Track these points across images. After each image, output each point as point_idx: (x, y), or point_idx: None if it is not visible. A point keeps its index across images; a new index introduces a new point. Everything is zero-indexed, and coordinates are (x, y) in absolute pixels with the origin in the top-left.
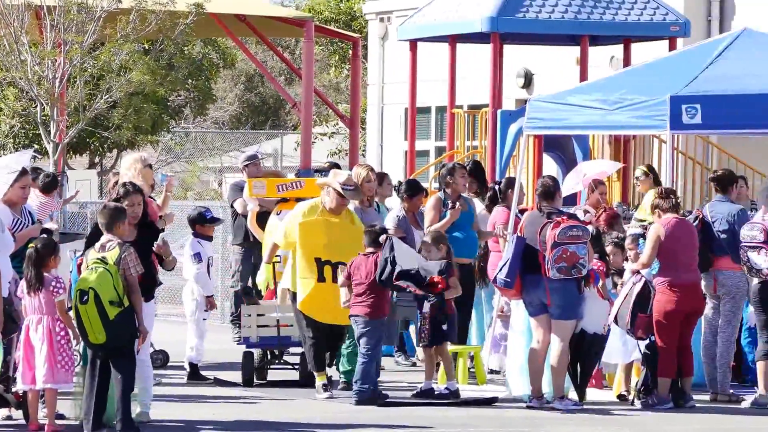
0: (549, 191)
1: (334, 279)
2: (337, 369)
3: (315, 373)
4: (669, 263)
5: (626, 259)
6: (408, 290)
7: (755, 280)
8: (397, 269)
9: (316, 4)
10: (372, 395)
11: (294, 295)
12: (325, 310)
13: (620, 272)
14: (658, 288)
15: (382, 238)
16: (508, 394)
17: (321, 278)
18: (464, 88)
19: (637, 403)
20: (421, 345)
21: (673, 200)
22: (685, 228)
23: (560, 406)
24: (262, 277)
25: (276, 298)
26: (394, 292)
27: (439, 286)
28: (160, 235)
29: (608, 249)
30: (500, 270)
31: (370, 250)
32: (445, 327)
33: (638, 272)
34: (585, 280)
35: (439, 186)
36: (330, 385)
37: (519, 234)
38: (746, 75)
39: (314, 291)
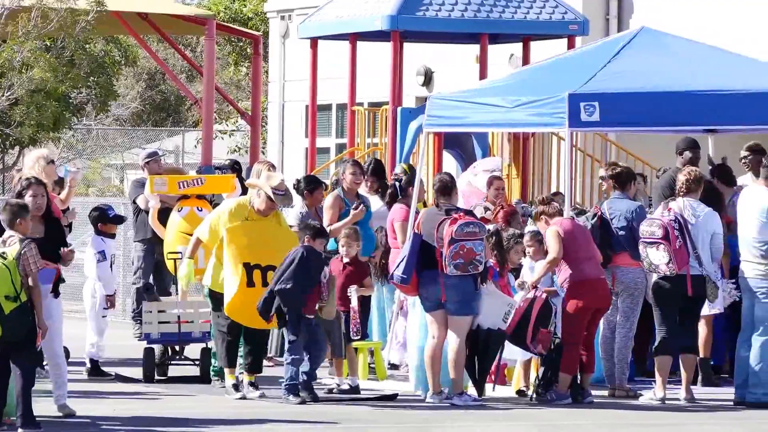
0: (447, 187)
1: (264, 283)
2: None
3: (225, 370)
4: (571, 262)
5: (524, 255)
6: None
7: (654, 276)
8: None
9: (213, 4)
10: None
11: (211, 293)
12: (254, 316)
13: (518, 269)
14: (566, 287)
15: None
16: (408, 389)
17: (250, 283)
18: (365, 86)
19: (536, 399)
20: (354, 340)
21: (557, 205)
22: (577, 226)
23: (459, 402)
24: (184, 272)
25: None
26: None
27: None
28: (69, 246)
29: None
30: (397, 266)
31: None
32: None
33: (536, 287)
34: (482, 276)
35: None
36: (240, 384)
37: (416, 231)
38: (644, 73)
39: (243, 296)
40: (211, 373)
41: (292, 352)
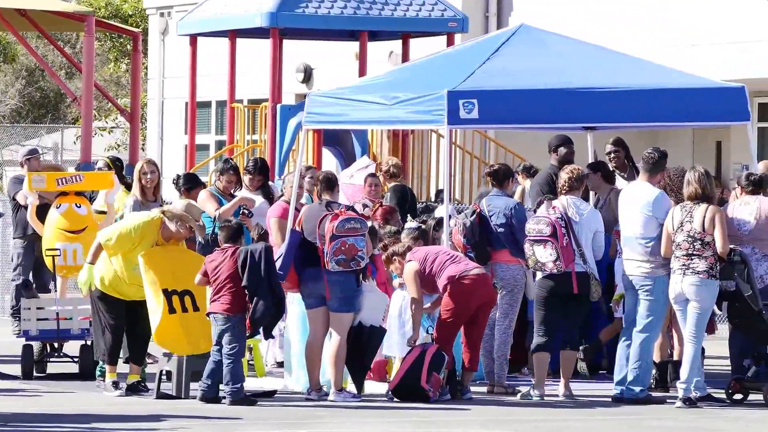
0: (331, 182)
1: (184, 309)
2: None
3: (107, 367)
4: (440, 276)
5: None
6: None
7: (539, 275)
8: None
9: (94, 0)
10: (245, 395)
11: (102, 294)
12: (183, 342)
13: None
14: (446, 288)
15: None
16: (286, 386)
17: (171, 310)
18: (244, 83)
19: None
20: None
21: (405, 242)
22: (428, 250)
23: (338, 399)
24: (84, 277)
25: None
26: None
27: None
28: None
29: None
30: (278, 263)
31: (228, 245)
32: None
33: (427, 331)
34: (363, 272)
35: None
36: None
37: (297, 228)
38: (523, 70)
39: (167, 323)
40: (98, 372)
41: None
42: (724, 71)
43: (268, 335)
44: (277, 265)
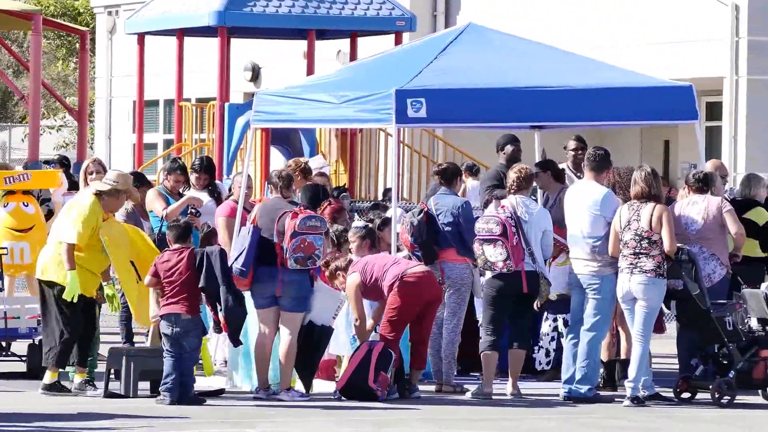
0: (291, 180)
1: (139, 278)
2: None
3: (51, 368)
4: (383, 279)
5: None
6: None
7: (488, 274)
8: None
9: None
10: (193, 394)
11: (47, 287)
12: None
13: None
14: (393, 287)
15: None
16: (233, 385)
17: (138, 278)
18: (192, 82)
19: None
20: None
21: (348, 256)
22: (368, 260)
23: (287, 398)
24: (73, 285)
25: None
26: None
27: None
28: None
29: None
30: (236, 259)
31: (178, 246)
32: None
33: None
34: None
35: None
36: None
37: (254, 224)
38: (470, 69)
39: (142, 295)
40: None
41: None
42: (672, 70)
43: (237, 342)
44: (239, 261)
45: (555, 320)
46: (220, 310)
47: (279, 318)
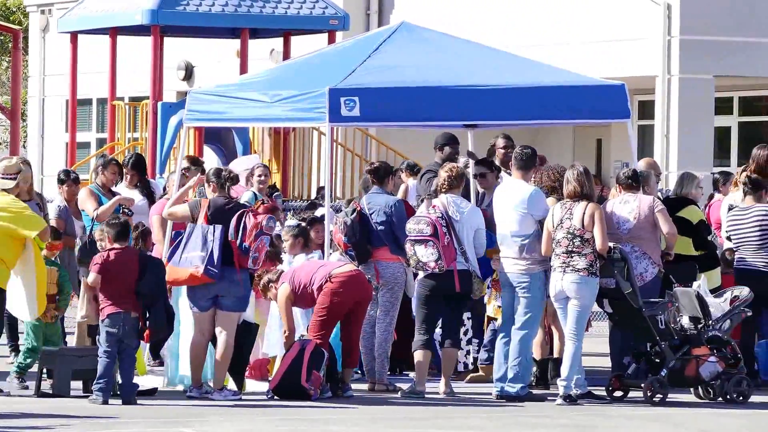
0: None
1: None
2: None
3: None
4: (310, 280)
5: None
6: None
7: (420, 274)
8: None
9: None
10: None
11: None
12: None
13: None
14: (323, 287)
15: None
16: (166, 384)
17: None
18: (125, 81)
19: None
20: None
21: (279, 268)
22: (296, 271)
23: (220, 397)
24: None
25: None
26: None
27: None
28: None
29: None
30: (209, 261)
31: (118, 245)
32: None
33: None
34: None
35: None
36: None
37: (206, 222)
38: (403, 68)
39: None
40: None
41: None
42: (604, 69)
43: (157, 356)
44: (212, 262)
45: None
46: (148, 318)
47: (215, 318)
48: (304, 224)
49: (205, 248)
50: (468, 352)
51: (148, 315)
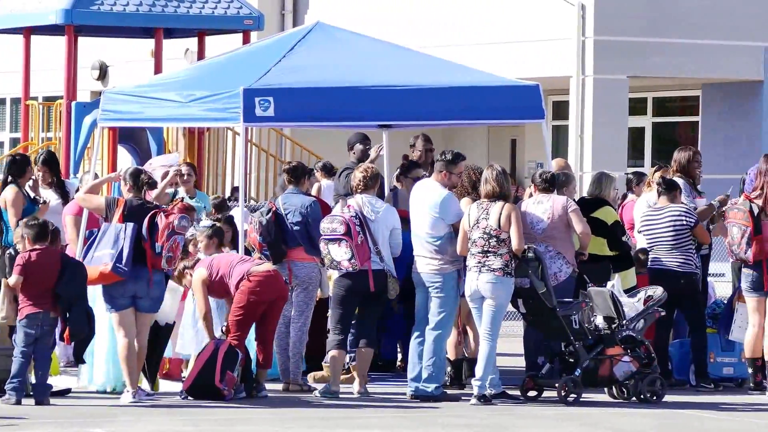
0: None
1: None
2: None
3: None
4: (228, 274)
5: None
6: None
7: (335, 274)
8: None
9: None
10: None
11: None
12: None
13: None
14: (238, 285)
15: None
16: (82, 384)
17: None
18: (39, 80)
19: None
20: None
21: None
22: (216, 259)
23: (134, 398)
24: None
25: None
26: None
27: None
28: None
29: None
30: (118, 258)
31: (39, 245)
32: None
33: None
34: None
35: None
36: None
37: (120, 222)
38: (318, 68)
39: None
40: None
41: None
42: (519, 69)
43: (80, 360)
44: (122, 260)
45: None
46: (67, 319)
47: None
48: (218, 224)
49: (116, 246)
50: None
51: (68, 316)
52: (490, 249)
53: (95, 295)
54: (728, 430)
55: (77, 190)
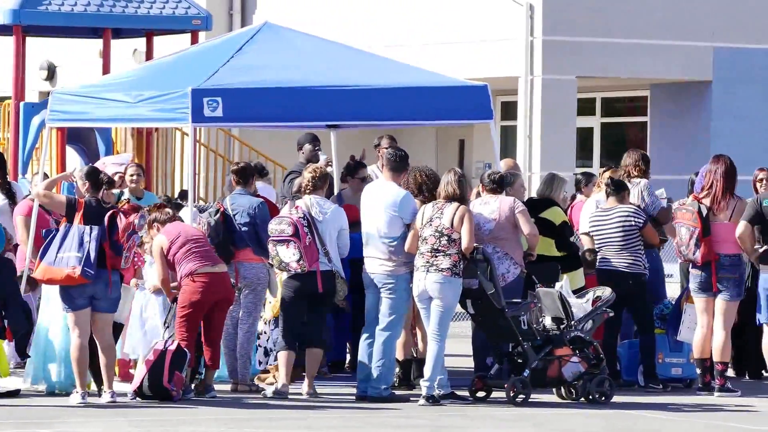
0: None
1: None
2: None
3: None
4: (186, 259)
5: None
6: None
7: (284, 275)
8: None
9: None
10: None
11: None
12: None
13: None
14: (183, 281)
15: None
16: (32, 386)
17: None
18: None
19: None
20: None
21: (169, 211)
22: (184, 228)
23: (83, 400)
24: None
25: None
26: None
27: None
28: None
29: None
30: (86, 262)
31: None
32: None
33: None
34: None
35: None
36: None
37: (81, 224)
38: (266, 68)
39: None
40: None
41: None
42: (467, 70)
43: (25, 355)
44: (89, 263)
45: None
46: (5, 317)
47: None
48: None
49: (82, 249)
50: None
51: (4, 314)
52: (440, 248)
53: (49, 296)
54: (677, 430)
55: (29, 193)
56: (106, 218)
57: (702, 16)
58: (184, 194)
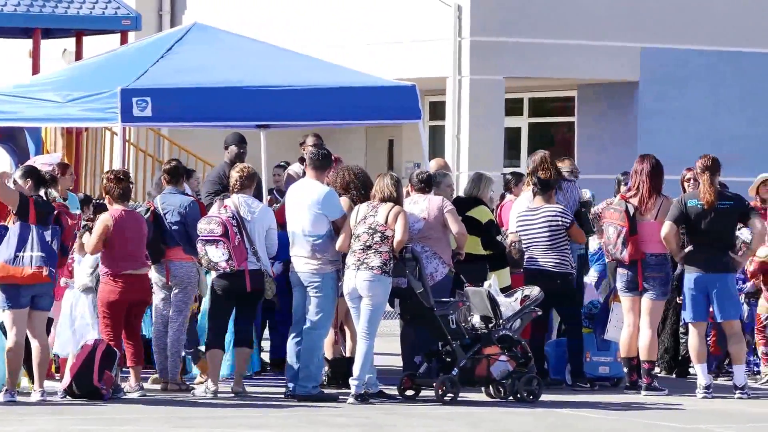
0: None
1: None
2: None
3: None
4: (113, 254)
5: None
6: None
7: (213, 274)
8: None
9: None
10: None
11: None
12: None
13: None
14: (102, 279)
15: None
16: None
17: None
18: None
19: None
20: None
21: (124, 186)
22: (133, 219)
23: (8, 398)
24: None
25: None
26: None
27: None
28: None
29: None
30: (52, 263)
31: None
32: None
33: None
34: None
35: None
36: None
37: (33, 223)
38: (196, 68)
39: None
40: None
41: None
42: (396, 70)
43: None
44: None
45: None
46: None
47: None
48: (91, 225)
49: (45, 249)
50: None
51: None
52: (372, 245)
53: None
54: (610, 429)
55: None
56: (52, 218)
57: (630, 17)
58: None
